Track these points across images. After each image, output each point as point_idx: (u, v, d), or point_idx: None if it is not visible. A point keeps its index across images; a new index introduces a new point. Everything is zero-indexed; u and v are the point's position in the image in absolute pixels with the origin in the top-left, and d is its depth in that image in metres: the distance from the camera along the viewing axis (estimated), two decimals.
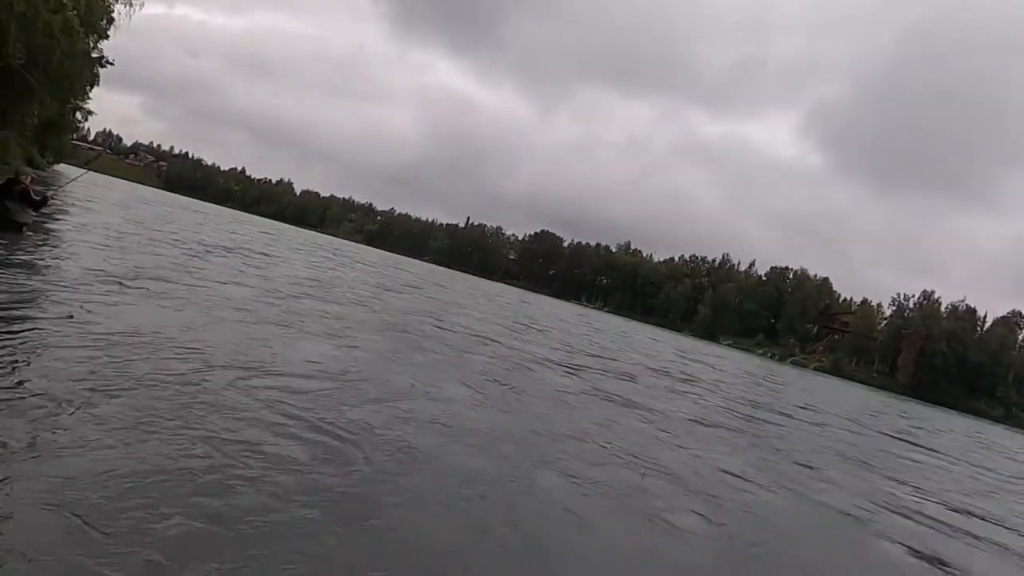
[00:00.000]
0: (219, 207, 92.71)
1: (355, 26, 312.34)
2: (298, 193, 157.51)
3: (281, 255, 20.38)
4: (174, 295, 7.18)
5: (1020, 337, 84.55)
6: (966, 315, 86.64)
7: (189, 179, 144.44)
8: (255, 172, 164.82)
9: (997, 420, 69.67)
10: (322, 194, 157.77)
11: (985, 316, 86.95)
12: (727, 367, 27.53)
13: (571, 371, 10.46)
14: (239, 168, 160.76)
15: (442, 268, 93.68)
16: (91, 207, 19.13)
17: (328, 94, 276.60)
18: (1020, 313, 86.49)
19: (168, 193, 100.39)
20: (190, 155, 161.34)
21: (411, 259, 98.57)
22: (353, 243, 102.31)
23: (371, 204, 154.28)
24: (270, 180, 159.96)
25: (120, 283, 7.01)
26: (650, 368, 15.41)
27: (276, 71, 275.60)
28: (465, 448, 4.45)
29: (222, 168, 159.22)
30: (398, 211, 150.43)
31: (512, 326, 16.74)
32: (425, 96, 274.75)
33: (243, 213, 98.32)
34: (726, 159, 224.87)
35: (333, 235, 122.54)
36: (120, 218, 17.95)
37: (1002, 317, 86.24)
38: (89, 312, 5.31)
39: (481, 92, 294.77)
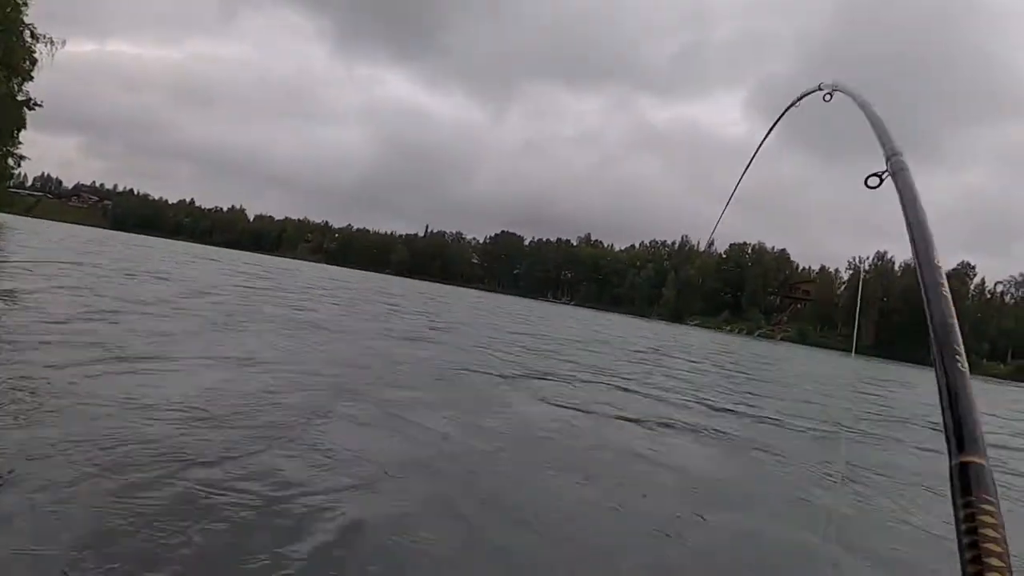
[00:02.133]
0: (170, 240, 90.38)
1: (297, 47, 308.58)
2: (251, 219, 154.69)
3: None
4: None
5: (971, 287, 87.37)
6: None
7: (137, 216, 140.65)
8: (205, 202, 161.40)
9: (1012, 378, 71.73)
10: (276, 217, 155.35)
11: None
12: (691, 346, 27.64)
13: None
14: (188, 200, 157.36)
15: (400, 279, 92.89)
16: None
17: (276, 117, 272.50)
18: (969, 264, 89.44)
19: (117, 232, 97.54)
20: (135, 191, 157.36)
21: (372, 273, 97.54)
22: (311, 263, 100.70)
23: (327, 222, 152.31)
24: (221, 208, 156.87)
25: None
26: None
27: (219, 99, 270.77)
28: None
29: (170, 201, 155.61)
30: (356, 227, 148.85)
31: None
32: (375, 110, 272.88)
33: (195, 244, 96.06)
34: (678, 143, 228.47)
35: (291, 257, 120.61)
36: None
37: (953, 270, 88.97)
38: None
39: (431, 100, 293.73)
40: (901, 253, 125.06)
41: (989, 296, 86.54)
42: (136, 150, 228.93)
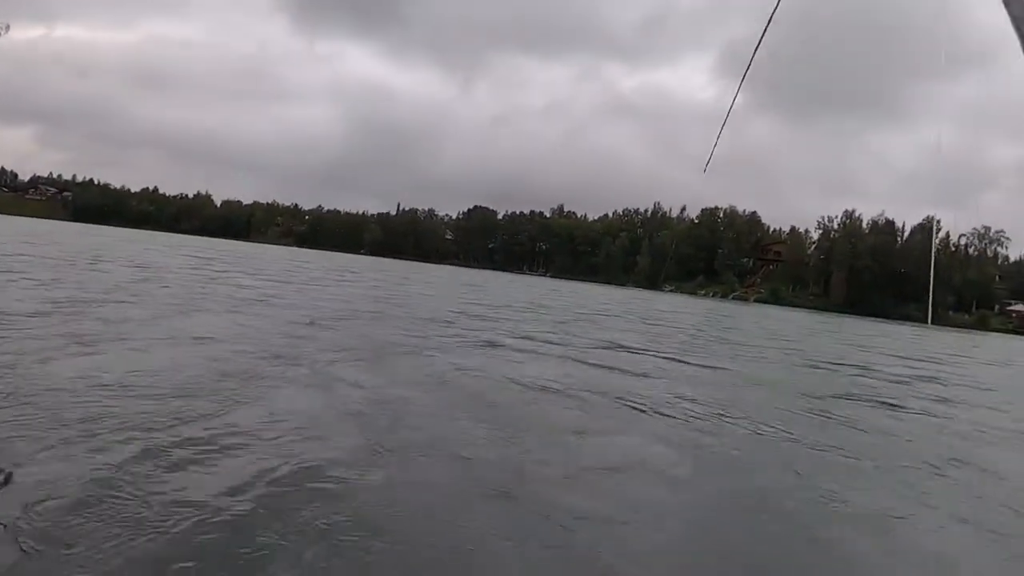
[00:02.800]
0: (134, 230, 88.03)
1: (254, 25, 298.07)
2: (219, 204, 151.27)
3: None
4: None
5: (937, 241, 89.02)
6: (886, 228, 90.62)
7: (98, 207, 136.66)
8: (170, 189, 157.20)
9: (922, 322, 73.42)
10: (244, 202, 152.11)
11: (904, 226, 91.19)
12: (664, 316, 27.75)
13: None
14: (152, 187, 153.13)
15: (374, 258, 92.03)
16: None
17: (237, 99, 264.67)
18: (932, 218, 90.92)
19: (75, 224, 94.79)
20: (96, 181, 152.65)
21: (346, 254, 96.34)
22: (283, 247, 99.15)
23: (297, 205, 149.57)
24: (187, 195, 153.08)
25: None
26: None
27: (178, 82, 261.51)
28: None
29: (133, 190, 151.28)
30: (326, 208, 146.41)
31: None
32: (339, 87, 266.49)
33: (160, 233, 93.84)
34: (647, 110, 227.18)
35: (262, 242, 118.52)
36: None
37: (919, 225, 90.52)
38: None
39: (395, 75, 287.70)
40: (868, 211, 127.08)
41: (954, 249, 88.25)
42: (95, 139, 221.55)
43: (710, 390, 7.51)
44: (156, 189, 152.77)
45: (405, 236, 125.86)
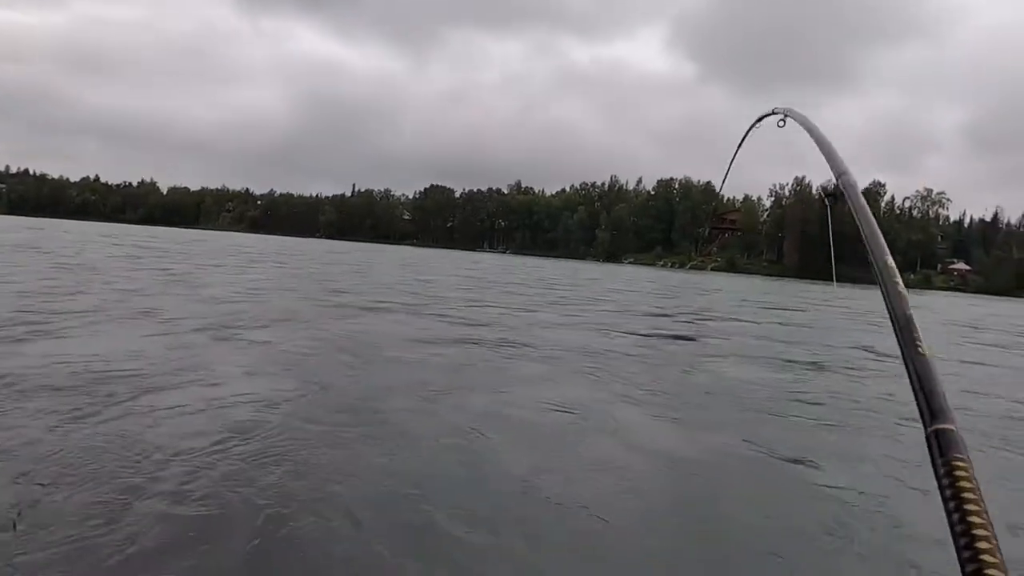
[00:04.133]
0: (74, 221, 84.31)
1: (195, 4, 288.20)
2: (165, 192, 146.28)
3: None
4: None
5: (882, 204, 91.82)
6: (834, 193, 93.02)
7: (35, 198, 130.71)
8: (112, 178, 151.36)
9: (871, 283, 75.91)
10: (192, 188, 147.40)
11: (722, 184, 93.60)
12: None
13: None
14: (93, 177, 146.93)
15: (330, 242, 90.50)
16: None
17: (180, 82, 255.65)
18: (880, 183, 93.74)
19: (8, 218, 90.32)
20: (32, 172, 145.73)
21: (301, 238, 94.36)
22: (235, 233, 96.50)
23: (248, 190, 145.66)
24: (131, 183, 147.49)
25: None
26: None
27: (116, 65, 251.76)
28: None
29: (73, 180, 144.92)
30: (279, 192, 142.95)
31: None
32: (287, 67, 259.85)
33: (104, 224, 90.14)
34: (602, 82, 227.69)
35: (213, 229, 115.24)
36: None
37: (865, 189, 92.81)
38: None
39: (346, 53, 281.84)
40: (817, 177, 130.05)
41: (898, 212, 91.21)
42: (30, 128, 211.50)
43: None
44: (97, 178, 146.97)
45: (362, 218, 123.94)
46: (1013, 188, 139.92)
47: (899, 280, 0.81)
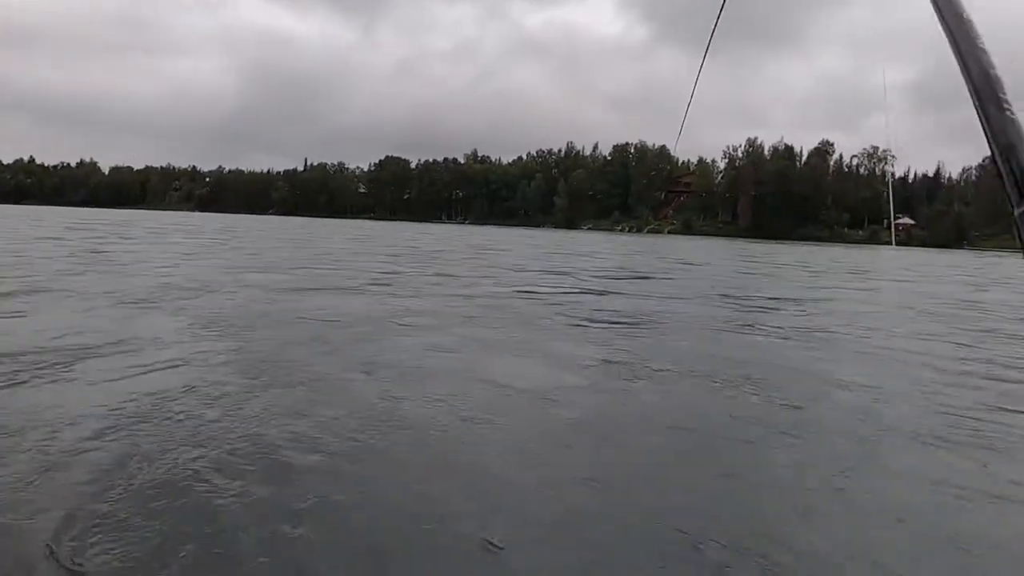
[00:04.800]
0: (10, 207, 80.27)
1: None
2: (106, 172, 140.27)
3: None
4: None
5: (831, 162, 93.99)
6: (786, 153, 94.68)
7: None
8: (48, 159, 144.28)
9: (823, 240, 78.26)
10: (136, 167, 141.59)
11: (802, 150, 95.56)
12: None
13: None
14: (27, 158, 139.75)
15: (284, 218, 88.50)
16: None
17: (116, 54, 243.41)
18: (828, 142, 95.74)
19: None
20: None
21: (254, 216, 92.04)
22: (182, 212, 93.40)
23: (195, 167, 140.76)
24: (69, 164, 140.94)
25: None
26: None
27: (46, 38, 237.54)
28: None
29: (5, 162, 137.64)
30: (228, 169, 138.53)
31: None
32: (231, 36, 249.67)
33: (42, 207, 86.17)
34: (555, 47, 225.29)
35: (160, 209, 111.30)
36: None
37: (815, 148, 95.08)
38: None
39: (292, 21, 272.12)
40: (769, 137, 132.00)
41: (847, 170, 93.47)
42: None
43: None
44: (32, 160, 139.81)
45: (316, 193, 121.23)
46: (955, 144, 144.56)
47: (978, 32, 0.66)
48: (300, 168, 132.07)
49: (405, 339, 5.76)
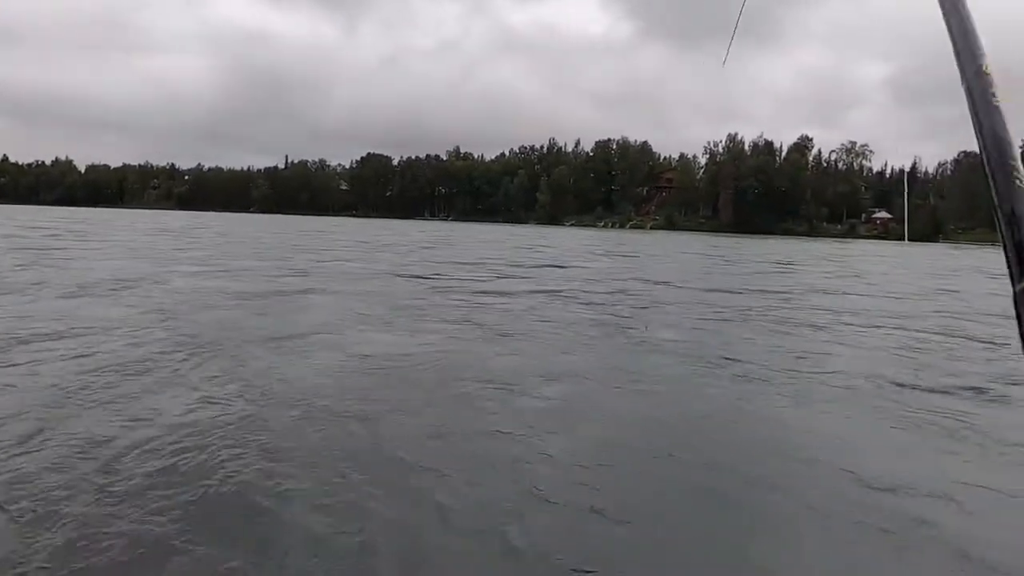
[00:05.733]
0: None
1: None
2: (83, 170, 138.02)
3: None
4: None
5: (810, 158, 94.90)
6: (765, 149, 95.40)
7: None
8: (23, 157, 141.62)
9: (802, 235, 79.06)
10: (113, 166, 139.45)
11: (781, 146, 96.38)
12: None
13: None
14: (0, 156, 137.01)
15: (267, 216, 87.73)
16: None
17: (95, 52, 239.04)
18: (807, 137, 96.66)
19: None
20: None
21: (234, 214, 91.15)
22: (160, 211, 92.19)
23: (173, 165, 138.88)
24: (44, 163, 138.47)
25: None
26: None
27: (21, 35, 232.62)
28: None
29: None
30: (207, 167, 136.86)
31: None
32: (212, 34, 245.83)
33: (16, 206, 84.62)
34: (538, 44, 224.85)
35: (139, 207, 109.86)
36: None
37: (794, 144, 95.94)
38: None
39: (273, 18, 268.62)
40: (749, 133, 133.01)
41: (826, 165, 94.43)
42: None
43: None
44: (6, 158, 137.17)
45: (297, 190, 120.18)
46: (931, 139, 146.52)
47: (994, 90, 0.63)
48: (281, 166, 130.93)
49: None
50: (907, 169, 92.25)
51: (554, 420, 3.60)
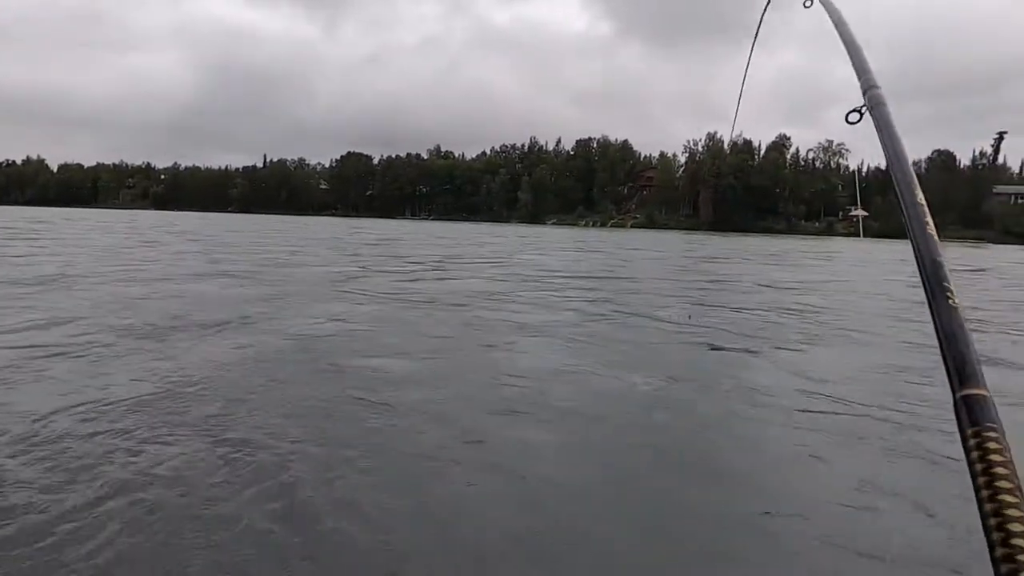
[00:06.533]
0: None
1: None
2: (55, 169, 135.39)
3: None
4: None
5: (788, 156, 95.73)
6: (744, 148, 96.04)
7: None
8: None
9: (780, 233, 79.79)
10: (86, 165, 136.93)
11: (760, 144, 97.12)
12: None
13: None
14: None
15: (242, 216, 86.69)
16: None
17: (68, 49, 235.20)
18: (786, 136, 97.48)
19: None
20: None
21: (211, 213, 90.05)
22: (138, 211, 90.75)
23: (149, 163, 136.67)
24: (14, 162, 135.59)
25: None
26: None
27: None
28: None
29: None
30: (184, 166, 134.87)
31: None
32: (189, 31, 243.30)
33: None
34: (520, 42, 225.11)
35: (114, 207, 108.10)
36: None
37: (772, 143, 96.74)
38: None
39: (253, 15, 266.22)
40: (728, 132, 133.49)
41: (803, 164, 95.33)
42: None
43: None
44: None
45: (276, 189, 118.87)
46: (905, 137, 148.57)
47: (929, 220, 0.70)
48: (259, 165, 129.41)
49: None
50: (870, 167, 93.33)
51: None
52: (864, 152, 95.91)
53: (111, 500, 2.42)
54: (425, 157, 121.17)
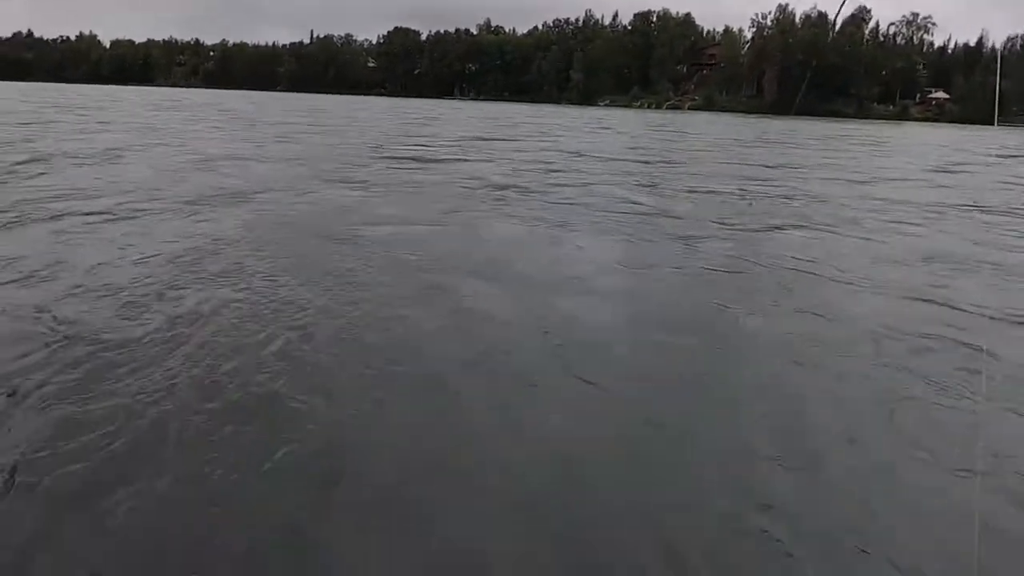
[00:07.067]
0: (11, 83, 78.51)
1: None
2: (107, 45, 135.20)
3: None
4: None
5: (867, 31, 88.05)
6: (819, 21, 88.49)
7: None
8: (47, 32, 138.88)
9: (850, 117, 74.93)
10: (137, 41, 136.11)
11: (836, 18, 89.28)
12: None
13: None
14: (24, 32, 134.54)
15: (292, 95, 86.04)
16: None
17: None
18: (865, 8, 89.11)
19: None
20: None
21: (261, 92, 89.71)
22: (190, 89, 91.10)
23: (199, 41, 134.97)
24: (68, 38, 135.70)
25: None
26: None
27: None
28: None
29: (2, 36, 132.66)
30: (232, 42, 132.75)
31: None
32: None
33: (47, 84, 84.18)
34: None
35: (167, 85, 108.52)
36: None
37: (850, 15, 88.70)
38: None
39: None
40: (802, 4, 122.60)
41: (883, 39, 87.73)
42: None
43: None
44: (30, 33, 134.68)
45: (324, 67, 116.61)
46: (999, 8, 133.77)
47: None
48: (306, 41, 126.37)
49: None
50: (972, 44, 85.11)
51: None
52: (952, 25, 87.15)
53: (164, 332, 3.20)
54: (475, 33, 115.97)
